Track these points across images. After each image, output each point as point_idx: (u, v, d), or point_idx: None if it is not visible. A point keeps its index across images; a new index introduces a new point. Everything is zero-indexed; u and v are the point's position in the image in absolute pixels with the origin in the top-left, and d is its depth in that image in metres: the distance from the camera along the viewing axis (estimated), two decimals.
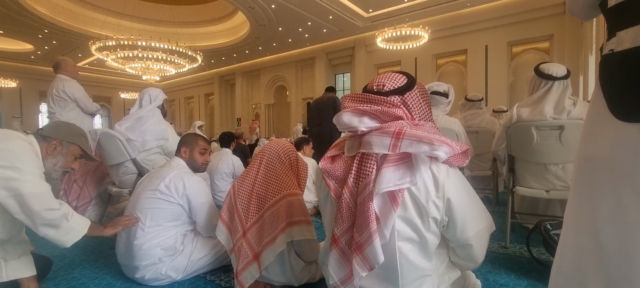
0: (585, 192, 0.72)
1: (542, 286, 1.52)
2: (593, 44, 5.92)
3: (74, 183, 2.57)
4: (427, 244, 0.94)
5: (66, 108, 3.04)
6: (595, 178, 0.69)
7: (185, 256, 1.61)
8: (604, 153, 0.67)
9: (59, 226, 1.25)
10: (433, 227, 0.93)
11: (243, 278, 1.37)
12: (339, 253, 0.96)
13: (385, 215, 0.89)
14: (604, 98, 0.68)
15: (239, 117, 15.61)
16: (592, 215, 0.69)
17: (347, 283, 0.94)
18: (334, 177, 1.00)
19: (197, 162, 1.75)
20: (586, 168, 0.72)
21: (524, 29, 8.65)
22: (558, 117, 1.83)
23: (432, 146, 0.86)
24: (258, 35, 11.13)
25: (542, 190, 1.93)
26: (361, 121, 0.96)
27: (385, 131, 0.91)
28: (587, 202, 0.71)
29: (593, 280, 0.68)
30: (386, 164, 0.90)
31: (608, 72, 0.68)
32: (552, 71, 1.89)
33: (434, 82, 2.34)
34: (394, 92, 0.99)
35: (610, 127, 0.66)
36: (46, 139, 1.37)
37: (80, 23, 10.42)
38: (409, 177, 0.88)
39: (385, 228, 0.88)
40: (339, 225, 0.96)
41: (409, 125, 0.93)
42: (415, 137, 0.87)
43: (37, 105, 15.47)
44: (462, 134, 2.21)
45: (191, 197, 1.59)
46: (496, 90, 9.05)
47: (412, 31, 8.44)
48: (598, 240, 0.67)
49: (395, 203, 0.88)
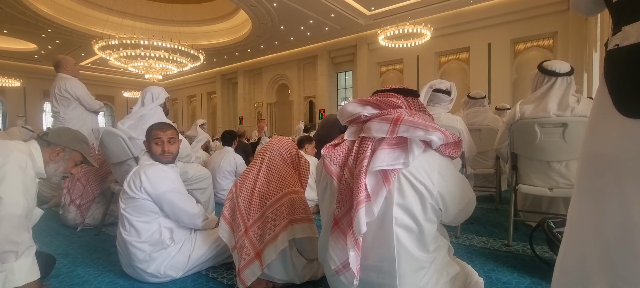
0: (589, 189, 0.71)
1: (545, 284, 1.51)
2: (597, 41, 5.86)
3: (78, 182, 2.59)
4: (425, 233, 0.96)
5: (69, 107, 3.06)
6: (600, 175, 0.68)
7: (185, 254, 1.61)
8: (609, 150, 0.66)
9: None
10: (430, 215, 0.97)
11: (245, 276, 1.37)
12: (340, 234, 0.98)
13: (376, 193, 0.93)
14: (609, 94, 0.67)
15: (242, 116, 15.64)
16: (596, 212, 0.68)
17: (348, 268, 0.96)
18: (335, 161, 1.06)
19: (154, 153, 1.68)
20: (591, 165, 0.71)
21: (528, 26, 8.58)
22: (562, 114, 1.81)
23: (427, 131, 0.94)
24: (260, 33, 11.13)
25: (546, 188, 1.92)
26: (364, 108, 1.06)
27: (385, 118, 1.00)
28: (592, 199, 0.70)
29: (597, 278, 0.67)
30: (382, 146, 0.97)
31: (613, 67, 0.67)
32: (556, 67, 1.87)
33: (436, 80, 2.33)
34: (395, 91, 1.09)
35: (615, 123, 0.65)
36: (50, 145, 1.42)
37: (83, 22, 10.47)
38: (402, 159, 0.94)
39: (374, 205, 0.93)
40: (340, 206, 1.00)
41: (407, 113, 1.01)
42: (411, 124, 0.95)
43: (41, 104, 15.58)
44: (465, 131, 2.20)
45: (150, 189, 1.56)
46: (499, 88, 9.00)
47: (414, 29, 8.39)
48: (603, 237, 0.66)
49: (387, 182, 0.93)
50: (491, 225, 2.44)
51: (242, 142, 5.28)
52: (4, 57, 13.28)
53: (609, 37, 0.71)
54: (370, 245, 0.99)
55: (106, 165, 2.56)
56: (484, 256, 1.84)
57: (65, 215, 2.54)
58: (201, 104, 18.25)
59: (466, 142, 2.20)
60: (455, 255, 1.29)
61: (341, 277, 0.98)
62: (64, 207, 2.56)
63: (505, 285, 1.51)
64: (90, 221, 2.54)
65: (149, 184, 1.56)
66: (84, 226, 2.51)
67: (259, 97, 15.19)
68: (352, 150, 1.03)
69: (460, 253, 1.85)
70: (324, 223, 1.14)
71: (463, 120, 2.33)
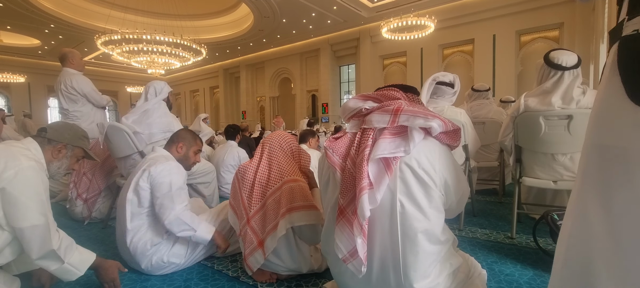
0: (596, 182, 0.69)
1: (548, 276, 1.51)
2: (604, 32, 5.75)
3: (84, 176, 2.62)
4: (432, 222, 0.97)
5: (77, 104, 3.03)
6: (608, 167, 0.66)
7: (184, 240, 1.63)
8: (619, 141, 0.64)
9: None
10: (437, 203, 0.99)
11: (250, 262, 1.43)
12: (345, 223, 0.99)
13: (379, 181, 0.95)
14: (622, 83, 0.64)
15: (244, 110, 15.65)
16: (604, 206, 0.66)
17: (355, 256, 0.97)
18: (338, 153, 1.08)
19: (190, 160, 1.79)
20: (598, 157, 0.69)
21: (533, 17, 8.45)
22: (566, 107, 1.79)
23: (426, 118, 0.97)
24: (262, 27, 11.08)
25: (550, 180, 1.91)
26: (365, 102, 1.09)
27: (385, 109, 1.03)
28: (599, 192, 0.67)
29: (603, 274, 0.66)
30: (383, 136, 0.99)
31: (631, 54, 0.63)
32: (562, 60, 1.84)
33: (439, 72, 2.31)
34: (396, 87, 1.13)
35: (628, 113, 0.62)
36: (51, 143, 1.33)
37: (85, 17, 10.48)
38: (403, 147, 0.96)
39: (377, 192, 0.95)
40: (345, 195, 1.01)
41: (407, 104, 1.04)
42: (411, 112, 0.99)
43: (46, 99, 15.69)
44: (468, 124, 2.18)
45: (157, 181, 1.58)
46: (504, 81, 8.90)
47: (418, 21, 8.29)
48: (612, 233, 0.64)
49: (389, 170, 0.95)
50: (495, 217, 2.44)
51: (245, 136, 5.30)
52: (8, 53, 13.36)
53: (625, 22, 0.66)
54: (375, 235, 0.99)
55: (111, 159, 2.58)
56: (487, 248, 1.85)
57: (73, 209, 2.58)
58: (204, 98, 18.28)
59: (470, 135, 2.19)
60: (459, 247, 1.30)
61: (349, 265, 0.99)
62: (71, 201, 2.59)
63: (508, 277, 1.52)
64: (97, 215, 2.57)
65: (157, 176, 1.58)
66: (91, 220, 2.54)
67: (262, 91, 15.17)
68: (354, 142, 1.06)
69: (464, 246, 1.86)
70: (327, 215, 1.15)
71: (467, 113, 2.32)
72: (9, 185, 1.09)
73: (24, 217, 1.11)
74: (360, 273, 0.96)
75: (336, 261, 1.07)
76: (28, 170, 1.14)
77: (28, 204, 1.12)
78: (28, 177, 1.14)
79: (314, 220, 1.40)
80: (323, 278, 1.52)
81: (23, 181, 1.12)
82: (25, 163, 1.14)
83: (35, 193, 1.15)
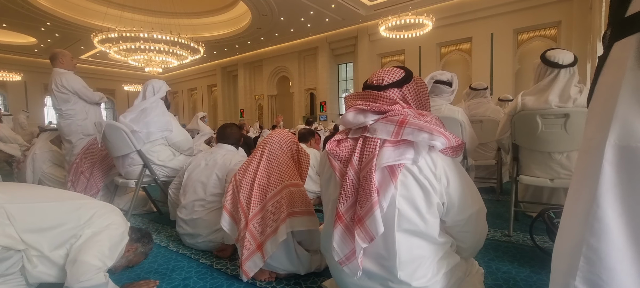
0: (614, 185, 0.64)
1: (545, 274, 1.53)
2: (601, 30, 5.78)
3: (82, 175, 2.61)
4: (428, 226, 0.97)
5: (69, 102, 3.00)
6: (635, 170, 0.61)
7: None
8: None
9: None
10: (434, 209, 0.98)
11: (247, 268, 1.40)
12: (343, 229, 1.00)
13: (384, 189, 0.95)
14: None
15: (242, 108, 15.62)
16: (627, 212, 0.62)
17: (351, 259, 0.99)
18: (339, 158, 1.07)
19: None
20: (620, 159, 0.63)
21: (531, 15, 8.47)
22: (563, 105, 1.81)
23: (431, 135, 0.93)
24: (260, 25, 11.04)
25: (547, 178, 1.93)
26: (366, 116, 1.04)
27: (390, 119, 0.99)
28: (618, 196, 0.63)
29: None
30: (387, 144, 0.98)
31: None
32: (559, 58, 1.86)
33: (437, 71, 2.32)
34: (392, 85, 1.06)
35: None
36: (130, 240, 1.41)
37: (82, 15, 10.39)
38: (408, 154, 0.95)
39: (384, 200, 0.94)
40: (343, 202, 1.01)
41: (412, 115, 1.00)
42: (416, 126, 0.95)
43: (42, 98, 15.57)
44: (466, 123, 2.19)
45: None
46: (501, 79, 8.93)
47: (415, 19, 8.29)
48: (635, 238, 0.61)
49: (394, 177, 0.94)
50: (492, 216, 2.45)
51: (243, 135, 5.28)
52: (4, 51, 13.23)
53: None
54: None
55: (110, 158, 2.58)
56: (485, 246, 1.85)
57: None
58: (202, 96, 18.22)
59: (467, 134, 2.20)
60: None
61: (345, 268, 1.00)
62: None
63: (505, 274, 1.53)
64: None
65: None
66: None
67: (260, 90, 15.14)
68: (356, 148, 1.03)
69: None
70: (328, 212, 1.15)
71: (464, 112, 2.33)
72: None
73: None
74: (356, 276, 0.99)
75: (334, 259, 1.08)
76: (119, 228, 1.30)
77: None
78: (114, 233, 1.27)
79: (314, 226, 1.40)
80: (322, 276, 1.52)
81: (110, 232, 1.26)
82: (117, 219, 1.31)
83: (114, 244, 1.25)
